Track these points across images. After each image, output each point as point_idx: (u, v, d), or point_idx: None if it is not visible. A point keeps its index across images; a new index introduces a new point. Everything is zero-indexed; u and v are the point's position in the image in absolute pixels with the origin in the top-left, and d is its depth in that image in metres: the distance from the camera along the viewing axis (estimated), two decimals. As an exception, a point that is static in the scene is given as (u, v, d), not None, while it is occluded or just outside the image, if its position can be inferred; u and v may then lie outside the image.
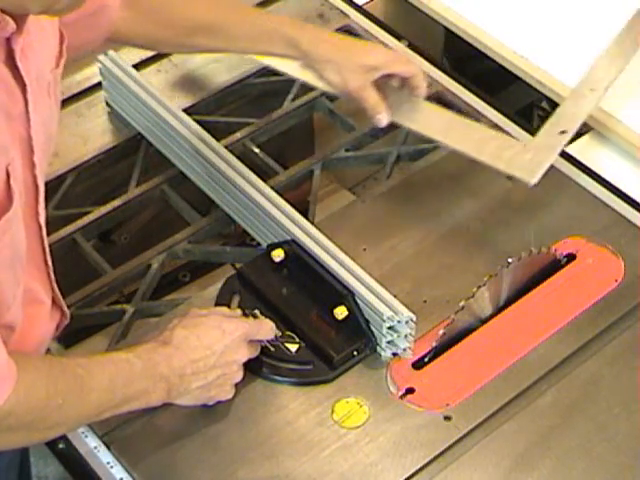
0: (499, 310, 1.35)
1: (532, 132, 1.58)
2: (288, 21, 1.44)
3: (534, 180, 1.36)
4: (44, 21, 1.12)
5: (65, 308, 1.27)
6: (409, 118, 1.44)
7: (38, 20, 1.08)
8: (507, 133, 1.57)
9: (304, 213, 1.44)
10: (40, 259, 1.20)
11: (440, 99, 1.64)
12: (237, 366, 1.25)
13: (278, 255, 1.37)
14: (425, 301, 1.36)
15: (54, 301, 1.25)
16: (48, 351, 1.35)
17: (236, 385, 1.26)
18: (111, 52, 1.62)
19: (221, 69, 1.72)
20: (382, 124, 1.42)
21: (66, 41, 1.19)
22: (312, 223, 1.43)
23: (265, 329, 1.28)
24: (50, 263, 1.21)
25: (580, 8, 1.75)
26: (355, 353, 1.30)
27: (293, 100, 1.67)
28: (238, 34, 1.43)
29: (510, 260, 1.31)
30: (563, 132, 1.44)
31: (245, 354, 1.25)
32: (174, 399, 1.22)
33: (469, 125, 1.45)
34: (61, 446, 1.25)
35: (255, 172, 1.47)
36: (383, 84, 1.42)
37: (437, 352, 1.31)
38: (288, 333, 1.31)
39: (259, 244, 1.46)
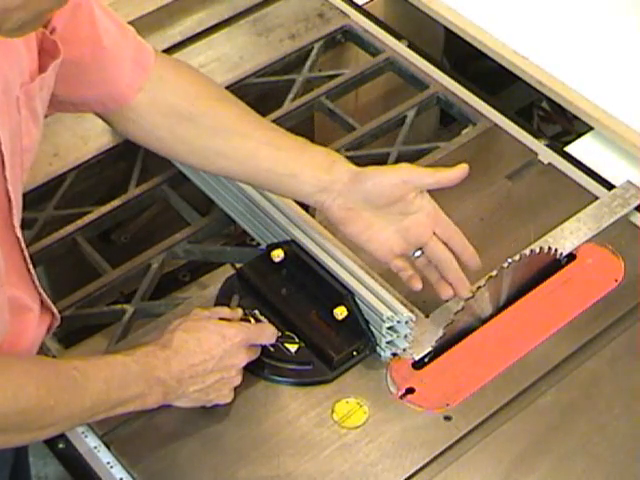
0: (499, 310, 1.35)
1: (532, 132, 1.59)
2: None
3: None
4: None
5: (54, 310, 1.26)
6: None
7: None
8: (507, 133, 1.57)
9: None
10: (22, 268, 1.18)
11: (440, 99, 1.64)
12: (236, 371, 1.25)
13: (278, 255, 1.37)
14: (425, 301, 1.36)
15: (42, 304, 1.24)
16: (48, 351, 1.35)
17: (235, 387, 1.26)
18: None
19: (221, 69, 1.72)
20: (417, 288, 1.32)
21: (60, 57, 1.14)
22: (313, 216, 1.43)
23: (266, 334, 1.28)
24: (33, 270, 1.20)
25: (580, 8, 1.75)
26: (355, 353, 1.30)
27: (293, 100, 1.67)
28: (261, 164, 1.31)
29: (510, 260, 1.31)
30: None
31: (244, 359, 1.25)
32: (171, 402, 1.23)
33: None
34: (61, 446, 1.25)
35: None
36: None
37: (437, 352, 1.31)
38: (288, 333, 1.31)
39: (259, 244, 1.46)
